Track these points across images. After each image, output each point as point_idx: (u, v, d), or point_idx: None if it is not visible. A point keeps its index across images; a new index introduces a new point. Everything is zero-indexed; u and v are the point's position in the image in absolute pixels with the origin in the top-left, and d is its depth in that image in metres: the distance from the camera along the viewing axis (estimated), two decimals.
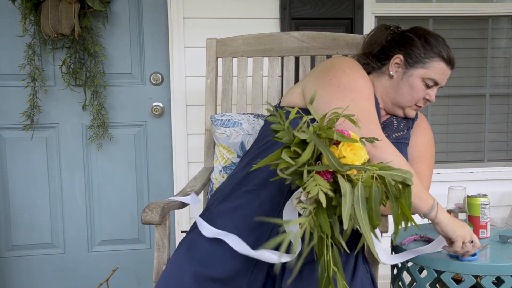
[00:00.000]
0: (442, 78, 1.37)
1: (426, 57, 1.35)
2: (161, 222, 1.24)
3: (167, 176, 2.33)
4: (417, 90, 1.36)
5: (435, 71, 1.35)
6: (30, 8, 2.07)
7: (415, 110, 1.42)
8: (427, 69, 1.35)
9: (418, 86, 1.36)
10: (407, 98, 1.38)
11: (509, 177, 2.41)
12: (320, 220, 0.89)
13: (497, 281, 1.29)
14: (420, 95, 1.37)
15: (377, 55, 1.42)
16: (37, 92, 2.18)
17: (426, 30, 1.40)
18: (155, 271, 1.28)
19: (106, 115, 2.23)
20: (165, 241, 1.28)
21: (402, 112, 1.41)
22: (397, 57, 1.37)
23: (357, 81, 1.28)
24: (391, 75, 1.39)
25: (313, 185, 0.88)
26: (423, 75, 1.35)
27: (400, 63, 1.37)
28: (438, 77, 1.36)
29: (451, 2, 2.38)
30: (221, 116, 1.61)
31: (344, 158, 0.92)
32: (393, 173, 0.91)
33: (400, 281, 1.44)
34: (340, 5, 2.23)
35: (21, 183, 2.28)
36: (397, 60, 1.37)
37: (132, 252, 2.37)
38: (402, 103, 1.39)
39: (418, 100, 1.38)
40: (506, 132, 2.54)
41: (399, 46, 1.39)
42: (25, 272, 2.32)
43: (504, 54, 2.52)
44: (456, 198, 1.44)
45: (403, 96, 1.38)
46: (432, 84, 1.36)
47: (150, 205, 1.25)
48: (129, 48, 2.26)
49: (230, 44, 1.76)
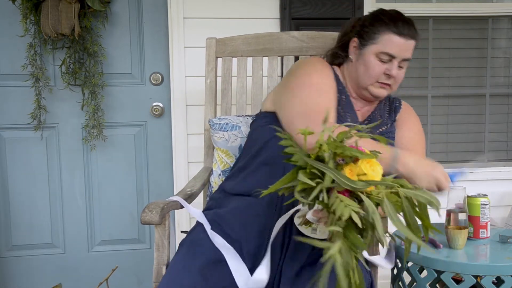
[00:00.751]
0: (397, 50, 1.34)
1: (374, 32, 1.36)
2: (160, 222, 1.24)
3: (167, 176, 2.33)
4: (372, 66, 1.36)
5: (387, 44, 1.34)
6: (30, 8, 2.07)
7: (381, 88, 1.40)
8: (378, 44, 1.35)
9: (372, 62, 1.36)
10: (365, 77, 1.38)
11: (509, 177, 2.41)
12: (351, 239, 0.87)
13: (497, 281, 1.29)
14: (376, 71, 1.36)
15: (342, 45, 1.46)
16: (41, 92, 2.18)
17: (380, 9, 1.42)
18: (154, 271, 1.28)
19: (102, 116, 2.23)
20: (165, 241, 1.28)
21: (368, 93, 1.41)
22: (353, 40, 1.41)
23: (315, 78, 1.32)
24: (351, 59, 1.42)
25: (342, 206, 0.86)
26: (375, 51, 1.35)
27: (357, 45, 1.40)
28: (392, 50, 1.34)
29: (451, 2, 2.38)
30: (219, 120, 1.61)
31: (365, 175, 0.91)
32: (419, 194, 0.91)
33: (400, 281, 1.44)
34: (340, 5, 2.23)
35: (21, 183, 2.28)
36: (354, 44, 1.41)
37: (132, 252, 2.36)
38: (362, 83, 1.39)
39: (377, 76, 1.37)
40: (506, 132, 2.54)
41: (354, 30, 1.42)
42: (25, 272, 2.32)
43: (504, 54, 2.52)
44: (456, 198, 1.43)
45: (361, 76, 1.39)
46: (387, 58, 1.35)
47: (150, 205, 1.25)
48: (129, 48, 2.26)
49: (229, 43, 1.76)
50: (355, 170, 0.92)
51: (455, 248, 1.40)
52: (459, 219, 1.39)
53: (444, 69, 2.48)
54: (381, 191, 0.90)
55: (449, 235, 1.40)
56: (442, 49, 2.46)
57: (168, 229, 1.29)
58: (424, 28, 2.42)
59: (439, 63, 2.46)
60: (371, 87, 1.39)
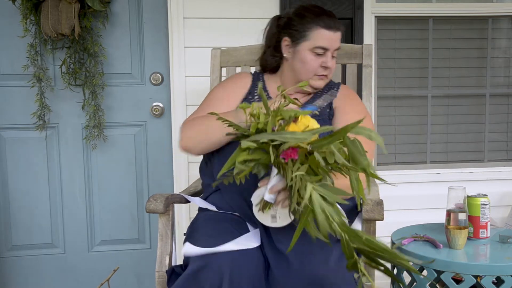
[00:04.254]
0: (329, 42, 1.43)
1: (305, 29, 1.43)
2: (165, 211, 1.29)
3: (167, 176, 2.33)
4: (309, 61, 1.44)
5: (318, 39, 1.43)
6: (30, 8, 2.07)
7: (320, 80, 1.48)
8: (310, 40, 1.43)
9: (308, 58, 1.44)
10: (303, 72, 1.46)
11: (509, 177, 2.41)
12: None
13: (497, 281, 1.29)
14: (314, 65, 1.45)
15: (275, 46, 1.52)
16: (44, 91, 2.19)
17: (301, 6, 1.49)
18: (158, 261, 1.31)
19: (102, 116, 2.23)
20: (168, 232, 1.32)
21: (309, 86, 1.48)
22: (284, 40, 1.48)
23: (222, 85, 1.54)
24: (286, 57, 1.49)
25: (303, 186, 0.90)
26: (309, 46, 1.43)
27: (289, 44, 1.47)
28: (324, 43, 1.43)
29: (451, 2, 2.38)
30: None
31: (308, 127, 0.98)
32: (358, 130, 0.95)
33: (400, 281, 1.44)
34: (340, 5, 2.23)
35: (21, 183, 2.28)
36: (286, 43, 1.48)
37: (132, 252, 2.37)
38: (302, 78, 1.46)
39: (314, 70, 1.45)
40: (506, 132, 2.54)
41: (283, 30, 1.48)
42: (25, 272, 2.32)
43: (504, 54, 2.52)
44: (456, 198, 1.44)
45: (300, 72, 1.47)
46: (322, 51, 1.43)
47: (155, 195, 1.31)
48: (129, 48, 2.26)
49: (233, 54, 1.82)
50: (297, 127, 0.99)
51: (455, 248, 1.40)
52: (459, 219, 1.40)
53: (444, 69, 2.48)
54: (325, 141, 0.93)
55: (449, 235, 1.40)
56: (442, 49, 2.46)
57: (172, 220, 1.33)
58: (424, 28, 2.42)
59: (439, 63, 2.46)
60: (310, 80, 1.46)
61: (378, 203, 1.20)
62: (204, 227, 1.26)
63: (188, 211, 2.25)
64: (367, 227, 1.22)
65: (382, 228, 1.38)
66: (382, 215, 1.19)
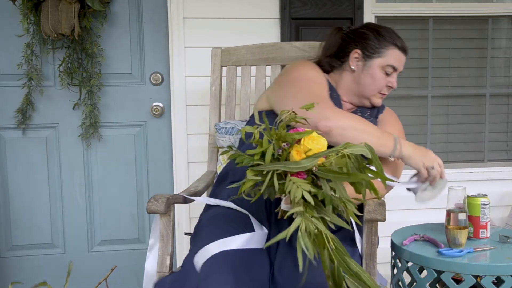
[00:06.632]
0: (399, 64, 1.48)
1: (381, 47, 1.45)
2: (165, 212, 1.29)
3: (167, 176, 2.33)
4: (379, 78, 1.46)
5: (392, 58, 1.46)
6: (30, 8, 2.07)
7: (380, 98, 1.51)
8: (384, 58, 1.45)
9: (378, 75, 1.46)
10: (371, 88, 1.47)
11: (509, 177, 2.41)
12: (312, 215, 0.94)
13: (497, 281, 1.29)
14: (382, 83, 1.47)
15: (336, 54, 1.53)
16: (33, 91, 2.19)
17: (376, 24, 1.53)
18: (159, 261, 1.30)
19: (100, 115, 2.23)
20: (169, 232, 1.32)
21: (369, 102, 1.51)
22: (355, 51, 1.48)
23: (308, 73, 1.42)
24: (353, 69, 1.49)
25: (294, 188, 0.94)
26: (382, 64, 1.45)
27: (359, 56, 1.47)
28: (395, 63, 1.46)
29: (451, 2, 2.38)
30: (225, 124, 1.70)
31: (310, 150, 0.99)
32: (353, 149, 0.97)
33: (400, 281, 1.44)
34: (340, 5, 2.23)
35: (21, 183, 2.28)
36: (356, 55, 1.48)
37: (132, 252, 2.37)
38: (366, 93, 1.48)
39: (381, 88, 1.48)
40: (506, 132, 2.54)
41: (354, 42, 1.49)
42: (25, 272, 2.32)
43: (504, 54, 2.52)
44: (456, 198, 1.44)
45: (367, 87, 1.48)
46: (391, 70, 1.47)
47: (156, 196, 1.31)
48: (129, 48, 2.27)
49: (234, 53, 1.83)
50: (301, 149, 1.00)
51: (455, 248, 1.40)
52: (459, 219, 1.40)
53: (444, 69, 2.48)
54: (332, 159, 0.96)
55: (449, 235, 1.40)
56: (442, 49, 2.46)
57: (173, 220, 1.33)
58: (424, 28, 2.42)
59: (439, 63, 2.46)
60: (373, 97, 1.50)
61: (380, 203, 1.20)
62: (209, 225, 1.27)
63: (188, 211, 2.26)
64: (369, 227, 1.22)
65: (382, 228, 1.38)
66: (384, 215, 1.19)
